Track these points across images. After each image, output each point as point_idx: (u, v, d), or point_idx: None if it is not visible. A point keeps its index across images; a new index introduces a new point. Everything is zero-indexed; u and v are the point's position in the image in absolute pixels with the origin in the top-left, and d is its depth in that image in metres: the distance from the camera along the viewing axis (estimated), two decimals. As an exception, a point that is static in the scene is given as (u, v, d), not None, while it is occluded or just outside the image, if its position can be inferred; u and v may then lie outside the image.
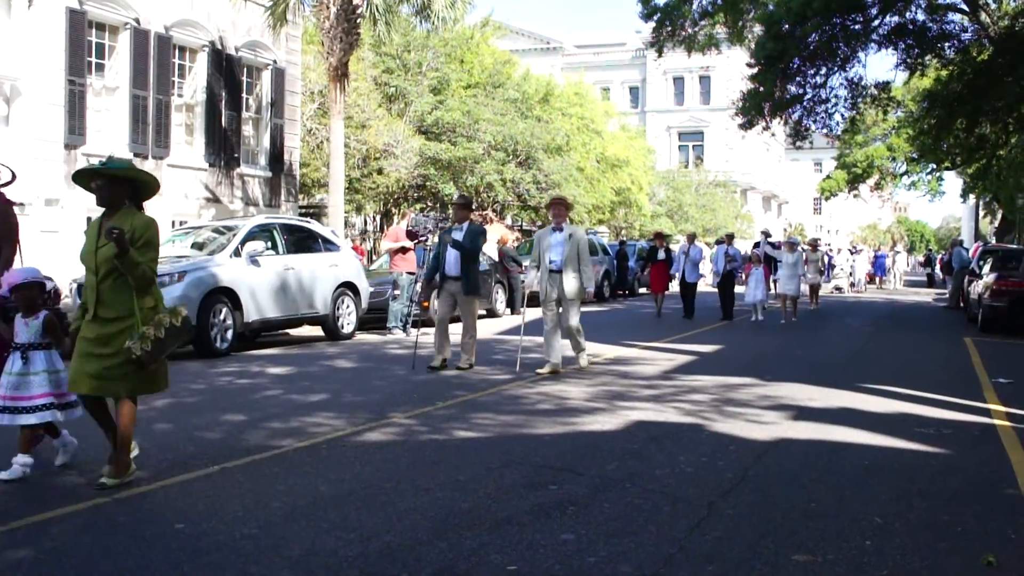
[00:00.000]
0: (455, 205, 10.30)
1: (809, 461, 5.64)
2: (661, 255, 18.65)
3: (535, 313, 10.70)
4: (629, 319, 18.34)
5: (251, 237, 11.98)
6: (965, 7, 22.15)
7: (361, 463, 5.46)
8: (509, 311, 18.12)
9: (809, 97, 23.17)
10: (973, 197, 43.15)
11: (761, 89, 21.91)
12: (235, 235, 11.93)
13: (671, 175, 47.38)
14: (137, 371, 4.84)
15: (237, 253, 11.64)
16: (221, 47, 19.06)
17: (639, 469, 5.35)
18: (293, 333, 14.06)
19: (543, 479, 5.08)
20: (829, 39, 21.25)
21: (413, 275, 14.24)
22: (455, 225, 9.98)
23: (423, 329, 11.23)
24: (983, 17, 22.13)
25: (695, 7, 23.62)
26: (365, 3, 18.03)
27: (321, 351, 11.87)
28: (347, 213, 24.51)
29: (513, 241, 22.24)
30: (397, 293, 14.40)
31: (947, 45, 22.42)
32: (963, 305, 20.64)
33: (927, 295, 30.57)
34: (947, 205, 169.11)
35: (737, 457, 5.69)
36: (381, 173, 25.06)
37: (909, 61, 22.89)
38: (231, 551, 3.85)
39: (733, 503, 4.65)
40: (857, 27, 21.32)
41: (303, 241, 13.13)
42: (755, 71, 22.31)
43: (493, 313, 17.64)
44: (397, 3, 19.26)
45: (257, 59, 20.15)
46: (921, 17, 22.27)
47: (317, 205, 26.11)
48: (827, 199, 48.41)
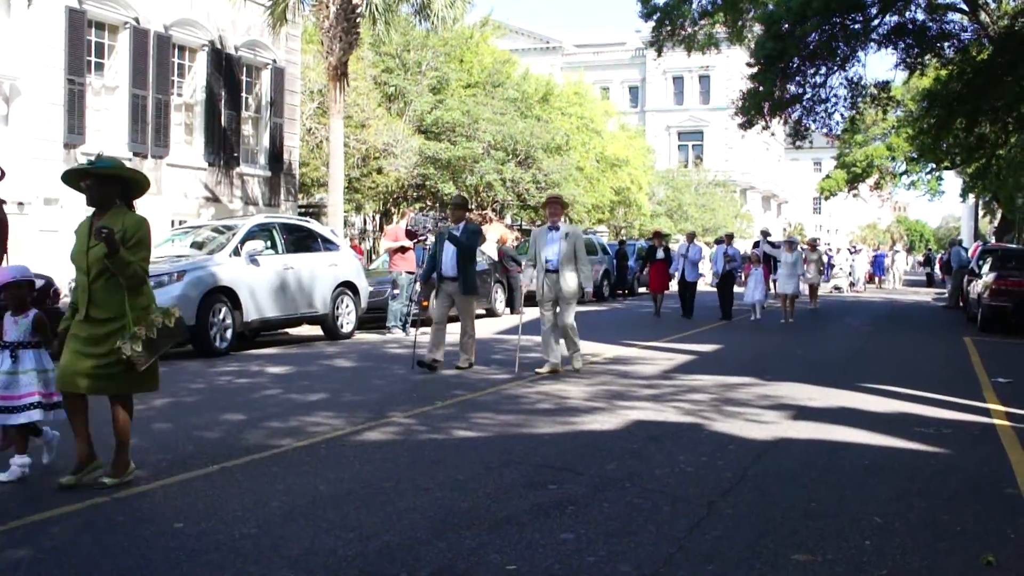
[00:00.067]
0: (451, 206, 10.36)
1: (809, 461, 5.64)
2: (660, 254, 18.63)
3: (534, 313, 10.69)
4: (628, 318, 18.34)
5: (250, 236, 11.98)
6: (965, 7, 22.15)
7: (360, 462, 5.46)
8: (509, 310, 18.11)
9: (809, 97, 23.16)
10: (972, 197, 43.17)
11: (761, 89, 21.90)
12: (234, 234, 11.93)
13: (670, 175, 47.37)
14: (128, 371, 4.79)
15: (236, 252, 11.63)
16: (221, 46, 19.06)
17: (639, 469, 5.35)
18: (292, 332, 14.07)
19: (542, 478, 5.08)
20: (829, 38, 21.25)
21: (412, 275, 14.22)
22: (452, 225, 10.05)
23: (422, 328, 11.22)
24: (983, 17, 22.13)
25: (695, 6, 23.61)
26: (364, 2, 18.00)
27: (320, 350, 11.88)
28: (346, 212, 24.50)
29: (513, 241, 22.22)
30: (396, 292, 14.41)
31: (947, 45, 22.41)
32: (962, 305, 20.65)
33: (926, 295, 30.56)
34: (946, 205, 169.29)
35: (737, 457, 5.69)
36: (380, 172, 25.05)
37: (909, 61, 22.89)
38: (230, 550, 3.85)
39: (733, 502, 4.65)
40: (857, 27, 21.31)
41: (302, 240, 13.14)
42: (755, 71, 22.30)
43: (492, 312, 17.65)
44: (397, 2, 19.23)
45: (257, 58, 20.15)
46: (921, 17, 22.29)
47: (316, 204, 26.08)
48: (826, 199, 48.47)
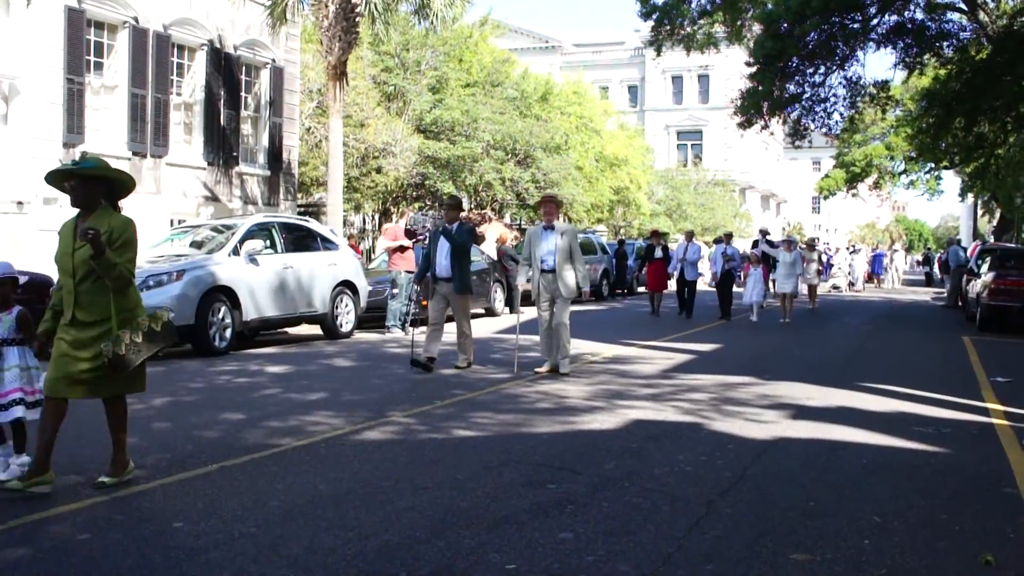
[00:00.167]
0: (446, 206, 10.38)
1: (808, 460, 5.64)
2: (658, 253, 18.63)
3: (533, 312, 10.67)
4: (628, 318, 18.34)
5: (250, 236, 11.98)
6: (964, 6, 22.16)
7: (360, 462, 5.46)
8: (508, 310, 18.12)
9: (808, 96, 23.15)
10: (971, 196, 43.17)
11: (760, 88, 21.90)
12: (234, 234, 11.92)
13: (670, 174, 47.34)
14: (114, 373, 4.70)
15: (236, 252, 11.63)
16: (220, 46, 19.04)
17: (638, 468, 5.35)
18: (292, 332, 14.07)
19: (542, 478, 5.08)
20: (828, 38, 21.25)
21: (412, 274, 14.23)
22: (447, 225, 10.05)
23: (421, 328, 11.22)
24: (981, 16, 22.14)
25: (694, 6, 23.63)
26: (364, 2, 17.99)
27: (320, 350, 11.87)
28: (346, 212, 24.49)
29: (512, 240, 22.21)
30: (396, 292, 14.41)
31: (946, 44, 22.41)
32: (961, 304, 20.66)
33: (925, 294, 30.58)
34: (945, 204, 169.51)
35: (736, 456, 5.69)
36: (380, 172, 25.03)
37: (908, 60, 22.89)
38: (229, 550, 3.85)
39: (732, 502, 4.65)
40: (856, 26, 21.32)
41: (302, 240, 13.14)
42: (754, 70, 22.30)
43: (492, 312, 17.65)
44: (396, 2, 19.23)
45: (256, 58, 20.14)
46: (920, 16, 22.28)
47: (316, 204, 26.05)
48: (825, 198, 48.52)
